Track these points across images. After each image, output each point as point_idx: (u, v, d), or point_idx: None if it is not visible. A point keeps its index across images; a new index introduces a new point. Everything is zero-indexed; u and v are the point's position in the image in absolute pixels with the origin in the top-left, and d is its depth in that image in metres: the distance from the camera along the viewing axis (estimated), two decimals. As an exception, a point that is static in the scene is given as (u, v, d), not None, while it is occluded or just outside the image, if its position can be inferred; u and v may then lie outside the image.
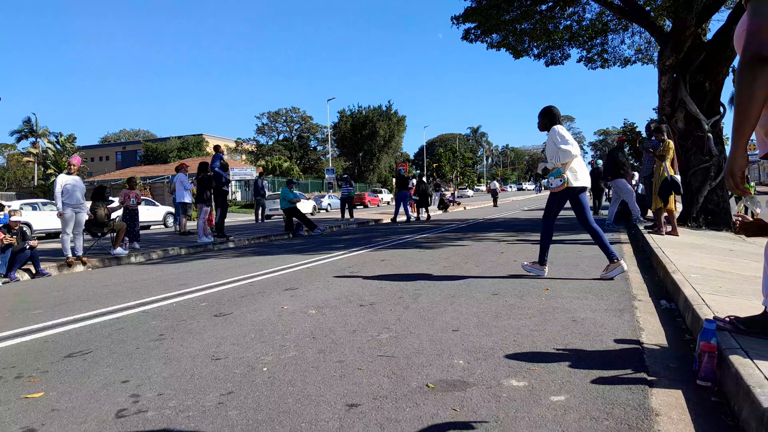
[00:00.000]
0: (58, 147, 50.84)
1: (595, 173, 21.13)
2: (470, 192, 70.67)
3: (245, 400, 2.69)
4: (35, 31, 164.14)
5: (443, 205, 26.77)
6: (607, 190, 19.19)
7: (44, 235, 17.33)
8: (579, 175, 5.73)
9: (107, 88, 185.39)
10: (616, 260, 5.61)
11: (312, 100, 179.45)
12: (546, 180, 6.12)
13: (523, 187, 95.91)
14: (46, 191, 32.90)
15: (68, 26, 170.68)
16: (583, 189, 5.79)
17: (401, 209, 19.34)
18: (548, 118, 5.94)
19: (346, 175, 21.00)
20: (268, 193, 23.58)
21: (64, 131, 53.05)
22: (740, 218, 3.12)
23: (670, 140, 9.15)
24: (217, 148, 13.17)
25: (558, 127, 5.80)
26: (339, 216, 21.35)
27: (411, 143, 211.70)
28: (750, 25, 2.14)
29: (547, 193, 6.19)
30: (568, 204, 5.82)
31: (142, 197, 12.60)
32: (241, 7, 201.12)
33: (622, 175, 12.06)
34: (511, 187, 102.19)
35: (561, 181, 5.72)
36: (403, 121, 70.43)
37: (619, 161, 12.12)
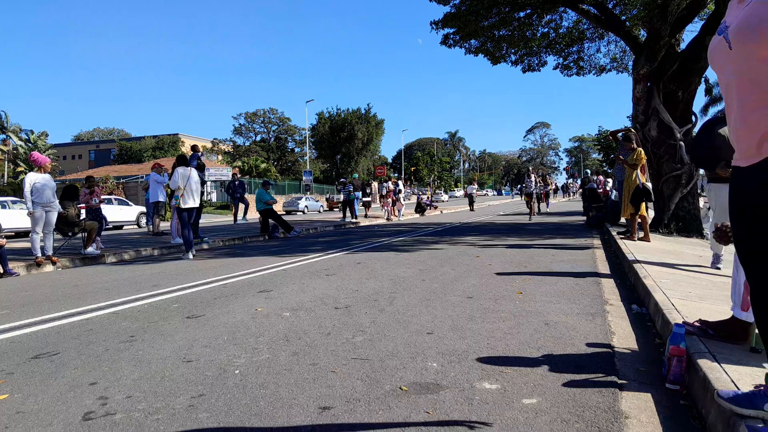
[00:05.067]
0: (30, 145, 49.63)
1: (584, 182, 21.57)
2: (445, 197, 66.78)
3: (216, 403, 2.65)
4: (6, 25, 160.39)
5: (420, 209, 26.85)
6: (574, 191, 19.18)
7: (13, 234, 16.91)
8: (187, 200, 9.79)
9: (81, 85, 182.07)
10: (189, 251, 9.51)
11: (290, 101, 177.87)
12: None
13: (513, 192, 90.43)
14: (16, 189, 32.07)
15: (42, 21, 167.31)
16: (190, 209, 9.89)
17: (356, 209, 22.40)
18: (178, 162, 10.10)
19: (344, 179, 24.88)
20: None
21: (36, 128, 51.69)
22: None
23: (640, 148, 9.30)
24: (194, 148, 12.99)
25: (179, 169, 9.86)
26: (315, 219, 24.29)
27: (389, 147, 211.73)
28: None
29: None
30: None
31: (102, 196, 12.28)
32: (219, 6, 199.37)
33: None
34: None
35: (176, 202, 9.87)
36: (381, 125, 70.37)
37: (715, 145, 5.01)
